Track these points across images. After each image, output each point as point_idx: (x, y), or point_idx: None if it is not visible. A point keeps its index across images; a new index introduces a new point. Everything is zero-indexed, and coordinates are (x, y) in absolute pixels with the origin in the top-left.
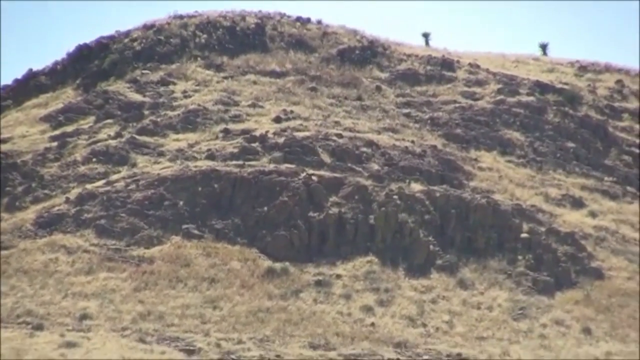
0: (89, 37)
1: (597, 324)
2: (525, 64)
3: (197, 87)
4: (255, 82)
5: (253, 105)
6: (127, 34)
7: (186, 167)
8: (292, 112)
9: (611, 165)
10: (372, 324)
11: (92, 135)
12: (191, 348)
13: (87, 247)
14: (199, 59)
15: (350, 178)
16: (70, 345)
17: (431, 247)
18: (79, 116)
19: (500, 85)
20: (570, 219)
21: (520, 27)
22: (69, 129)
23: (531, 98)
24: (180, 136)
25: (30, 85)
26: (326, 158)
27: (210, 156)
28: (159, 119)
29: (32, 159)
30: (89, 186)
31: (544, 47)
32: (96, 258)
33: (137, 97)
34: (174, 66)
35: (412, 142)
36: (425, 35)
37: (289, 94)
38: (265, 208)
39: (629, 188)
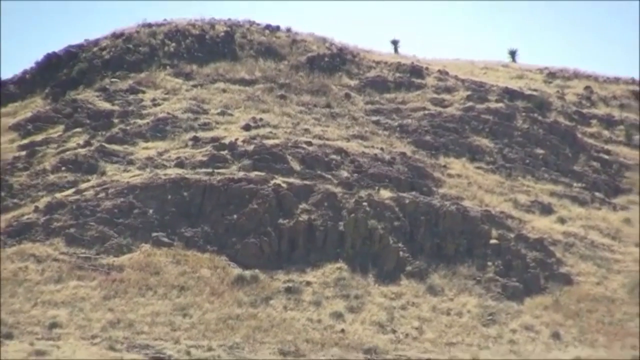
0: (57, 46)
1: (566, 329)
2: (494, 71)
3: (167, 96)
4: (224, 90)
5: (222, 113)
6: (96, 42)
7: (155, 175)
8: (261, 119)
9: (580, 172)
10: (342, 331)
11: (61, 144)
12: (161, 355)
13: (57, 256)
14: (168, 67)
15: (319, 185)
16: (40, 353)
17: (401, 253)
18: (48, 125)
19: (469, 92)
20: (539, 225)
21: (489, 34)
22: (38, 137)
23: (500, 105)
24: (150, 144)
25: None
26: (296, 165)
27: (180, 164)
28: (128, 128)
29: (1, 168)
30: (58, 195)
31: (512, 54)
32: (66, 266)
33: (106, 106)
34: (143, 75)
35: (382, 149)
36: (394, 43)
37: (258, 101)
38: (235, 216)
39: (597, 194)
